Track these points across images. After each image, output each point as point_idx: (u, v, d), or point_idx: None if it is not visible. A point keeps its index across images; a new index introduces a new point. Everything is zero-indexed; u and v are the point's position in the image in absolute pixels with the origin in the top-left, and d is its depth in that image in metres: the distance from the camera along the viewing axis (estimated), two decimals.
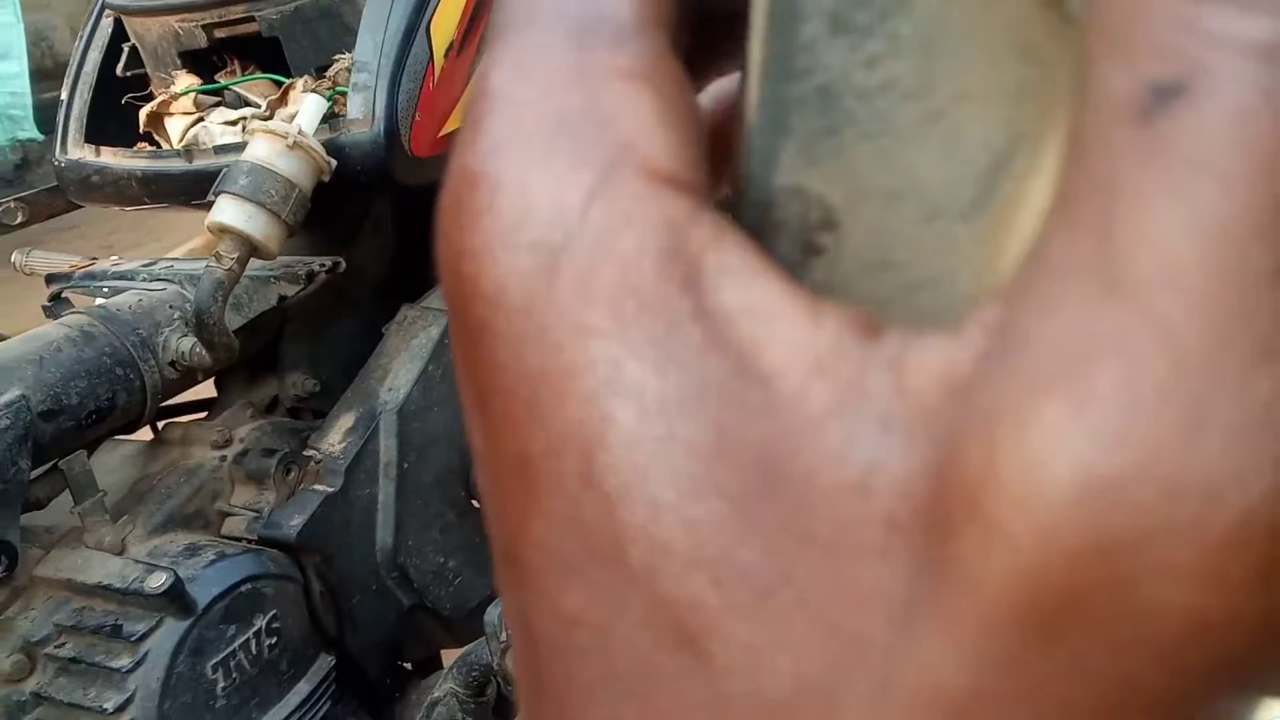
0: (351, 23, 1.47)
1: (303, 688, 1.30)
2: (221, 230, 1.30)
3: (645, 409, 0.16)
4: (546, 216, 0.17)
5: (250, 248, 1.29)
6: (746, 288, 0.16)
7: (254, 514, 1.36)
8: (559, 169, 0.17)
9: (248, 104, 1.57)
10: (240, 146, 1.36)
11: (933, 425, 0.15)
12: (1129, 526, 0.12)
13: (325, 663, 1.35)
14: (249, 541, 1.34)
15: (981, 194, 0.18)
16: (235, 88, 1.57)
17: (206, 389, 1.61)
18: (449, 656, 1.58)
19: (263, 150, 1.31)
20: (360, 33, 1.44)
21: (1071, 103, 0.14)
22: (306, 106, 1.38)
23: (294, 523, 1.33)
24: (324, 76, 1.49)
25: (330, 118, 1.43)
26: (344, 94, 1.45)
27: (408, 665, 1.61)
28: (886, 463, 0.15)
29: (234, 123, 1.53)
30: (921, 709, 0.14)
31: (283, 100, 1.52)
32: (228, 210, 1.29)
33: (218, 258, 1.29)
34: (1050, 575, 0.13)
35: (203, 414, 1.59)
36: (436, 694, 1.43)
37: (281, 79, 1.53)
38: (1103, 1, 0.13)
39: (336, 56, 1.49)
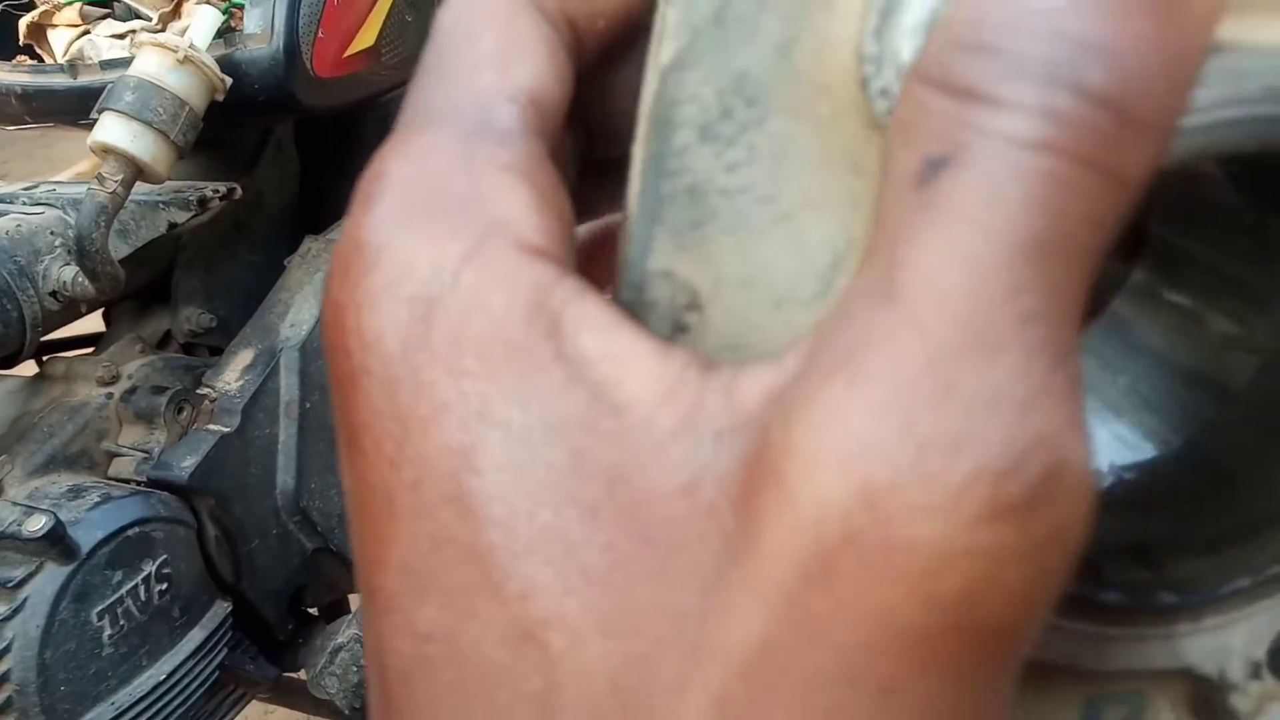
0: None
1: (196, 635, 1.25)
2: (105, 150, 1.20)
3: (511, 435, 0.19)
4: (425, 275, 0.20)
5: (136, 170, 1.20)
6: (604, 336, 0.20)
7: (143, 455, 1.29)
8: (439, 237, 0.20)
9: (138, 16, 1.48)
10: (128, 62, 1.26)
11: (753, 428, 0.18)
12: (888, 476, 0.16)
13: (221, 609, 1.29)
14: (138, 483, 1.27)
15: (823, 286, 0.21)
16: None
17: (94, 323, 1.52)
18: (356, 601, 1.53)
19: (151, 65, 1.21)
20: None
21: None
22: (199, 19, 1.29)
23: (186, 464, 1.26)
24: None
25: (226, 32, 1.33)
26: (241, 7, 1.35)
27: (313, 610, 1.56)
28: (714, 463, 0.18)
29: (122, 36, 1.44)
30: (724, 663, 0.17)
31: (175, 13, 1.43)
32: (112, 129, 1.19)
33: (100, 180, 1.19)
34: (825, 521, 0.16)
35: (89, 349, 1.50)
36: (340, 639, 1.39)
37: None
38: (899, 108, 0.18)
39: None
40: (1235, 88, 0.22)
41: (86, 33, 1.48)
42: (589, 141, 0.29)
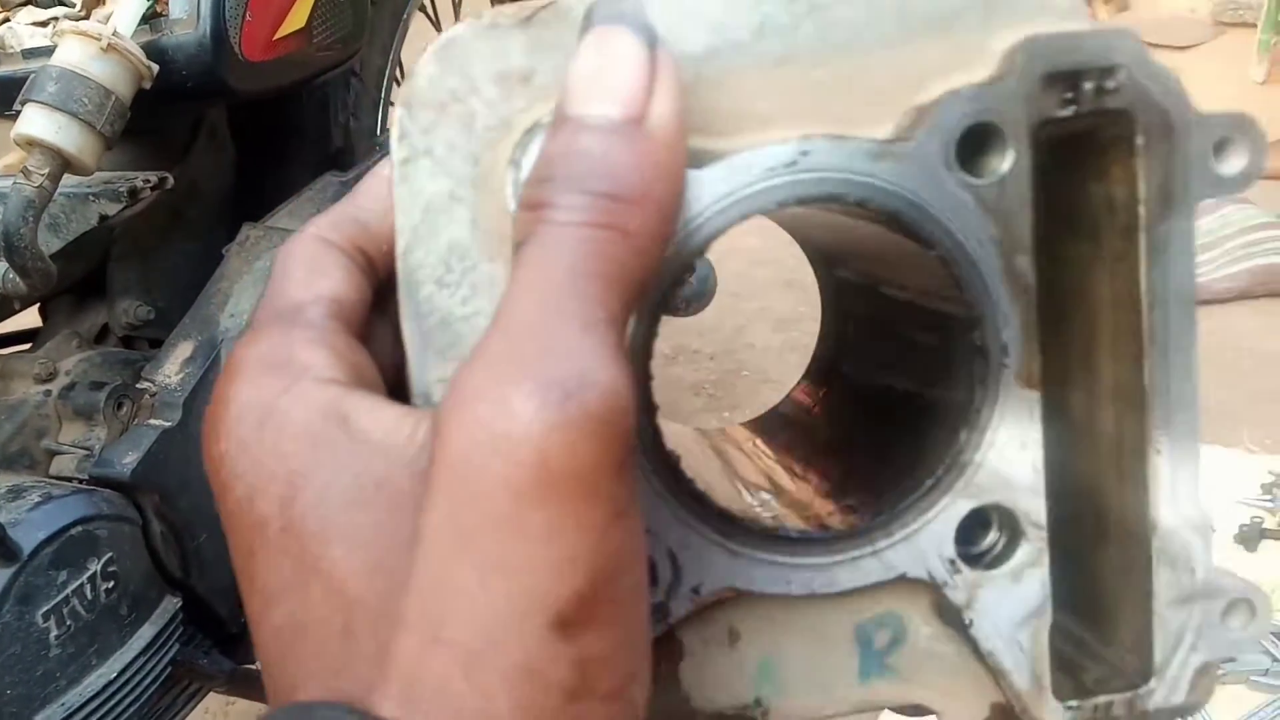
0: None
1: (146, 632, 1.23)
2: (29, 143, 1.17)
3: (313, 483, 0.32)
4: (257, 406, 0.33)
5: (63, 162, 1.17)
6: (375, 411, 0.33)
7: (84, 452, 1.27)
8: (265, 384, 0.34)
9: (61, 3, 1.44)
10: (51, 50, 1.22)
11: None
12: (488, 409, 0.28)
13: (171, 605, 1.28)
14: (79, 481, 1.25)
15: None
16: None
17: (30, 318, 1.48)
18: None
19: (74, 54, 1.18)
20: None
21: None
22: (123, 5, 1.26)
23: (128, 460, 1.25)
24: None
25: (151, 18, 1.30)
26: None
27: None
28: (424, 453, 0.32)
29: (44, 23, 1.41)
30: (426, 546, 0.29)
31: None
32: (35, 121, 1.16)
33: (26, 174, 1.16)
34: (463, 442, 0.28)
35: (25, 345, 1.47)
36: None
37: None
38: (515, 227, 0.33)
39: None
40: (745, 177, 0.36)
41: (6, 20, 1.44)
42: None
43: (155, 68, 1.24)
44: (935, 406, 0.42)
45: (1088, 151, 0.39)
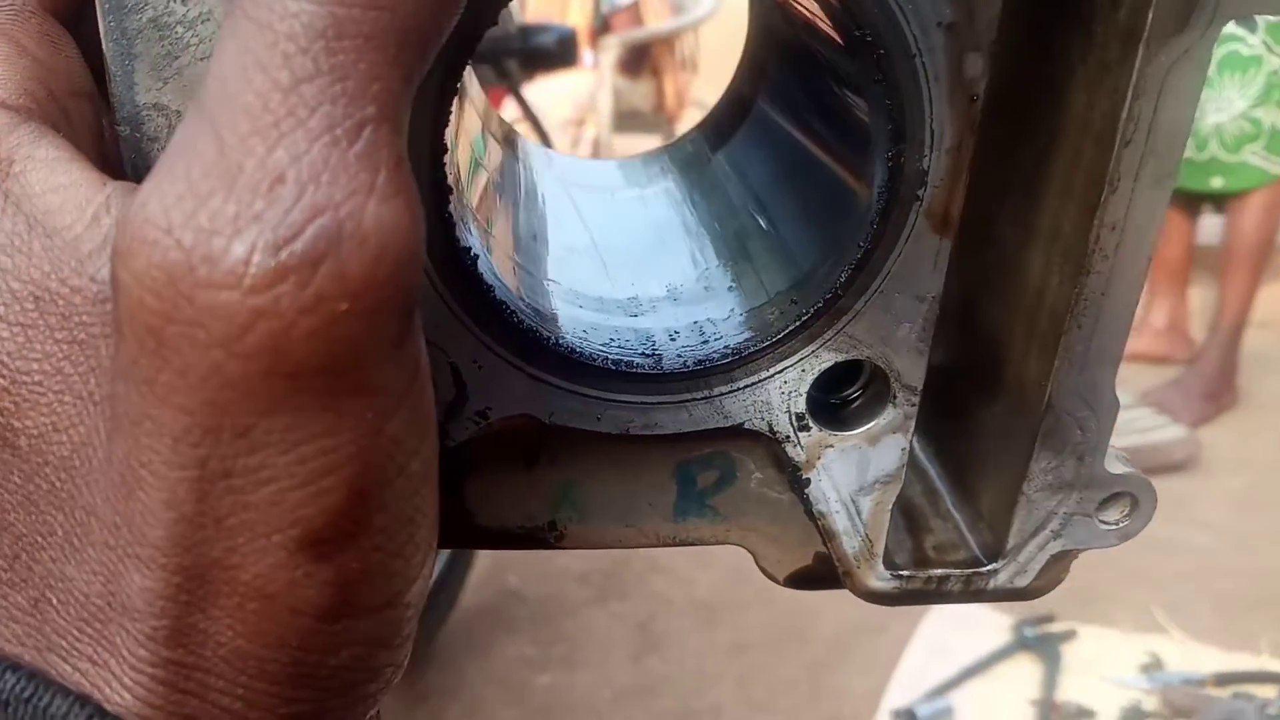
0: None
1: None
2: None
3: None
4: None
5: None
6: (50, 172, 0.23)
7: None
8: None
9: None
10: None
11: None
12: (181, 259, 0.19)
13: None
14: None
15: None
16: None
17: None
18: None
19: None
20: None
21: None
22: None
23: None
24: None
25: None
26: None
27: None
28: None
29: None
30: (111, 430, 0.21)
31: None
32: None
33: None
34: (146, 305, 0.19)
35: None
36: None
37: None
38: None
39: None
40: None
41: None
42: None
43: None
44: (823, 216, 0.33)
45: None
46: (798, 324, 0.31)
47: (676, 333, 0.34)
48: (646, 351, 0.32)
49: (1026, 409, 0.35)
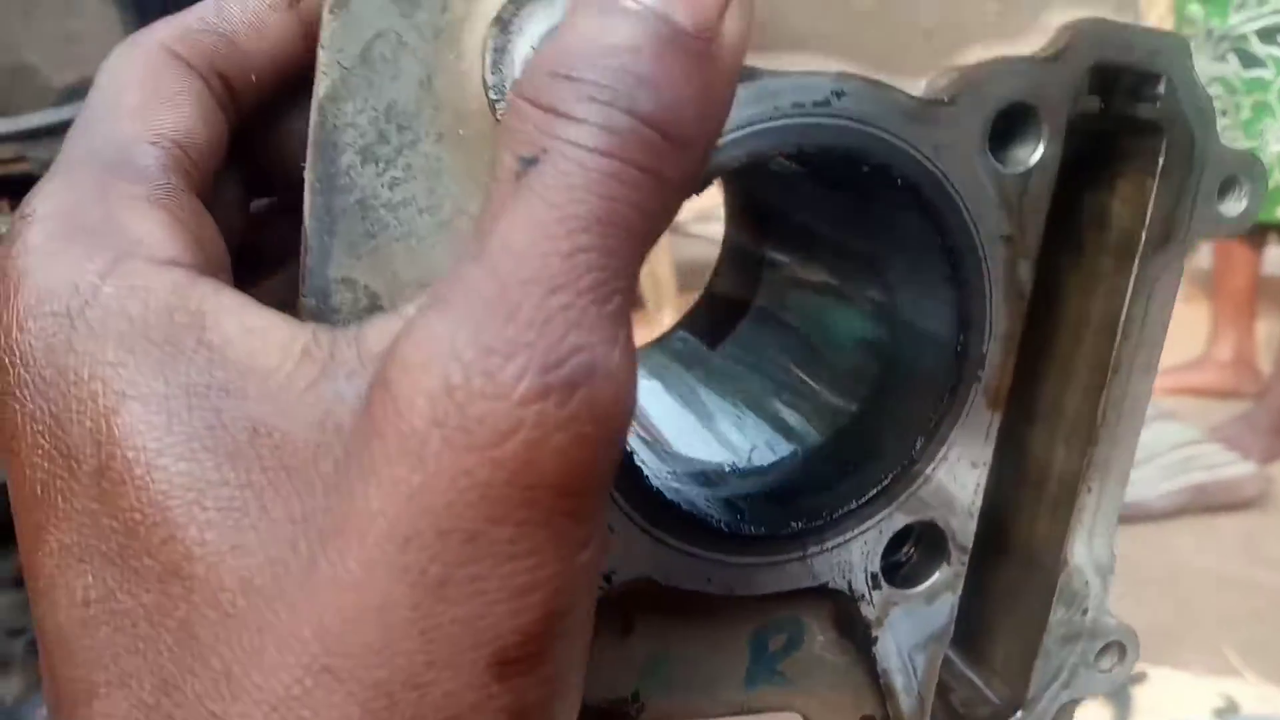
0: None
1: None
2: None
3: (149, 406, 0.23)
4: (65, 292, 0.24)
5: None
6: (242, 317, 0.24)
7: None
8: (76, 258, 0.24)
9: None
10: None
11: (377, 361, 0.23)
12: (461, 371, 0.21)
13: None
14: None
15: None
16: (3, 230, 1.19)
17: None
18: None
19: None
20: None
21: None
22: None
23: (41, 714, 1.08)
24: None
25: None
26: None
27: None
28: (343, 395, 0.23)
29: None
30: (342, 537, 0.21)
31: None
32: None
33: None
34: (417, 409, 0.21)
35: None
36: None
37: None
38: (504, 118, 0.24)
39: None
40: (772, 104, 0.30)
41: None
42: (272, 189, 0.35)
43: None
44: (886, 405, 0.38)
45: (1101, 158, 0.36)
46: (878, 489, 0.35)
47: (754, 500, 0.37)
48: (736, 516, 0.35)
49: (1040, 567, 0.39)
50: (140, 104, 0.28)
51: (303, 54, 0.30)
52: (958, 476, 0.35)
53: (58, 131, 1.31)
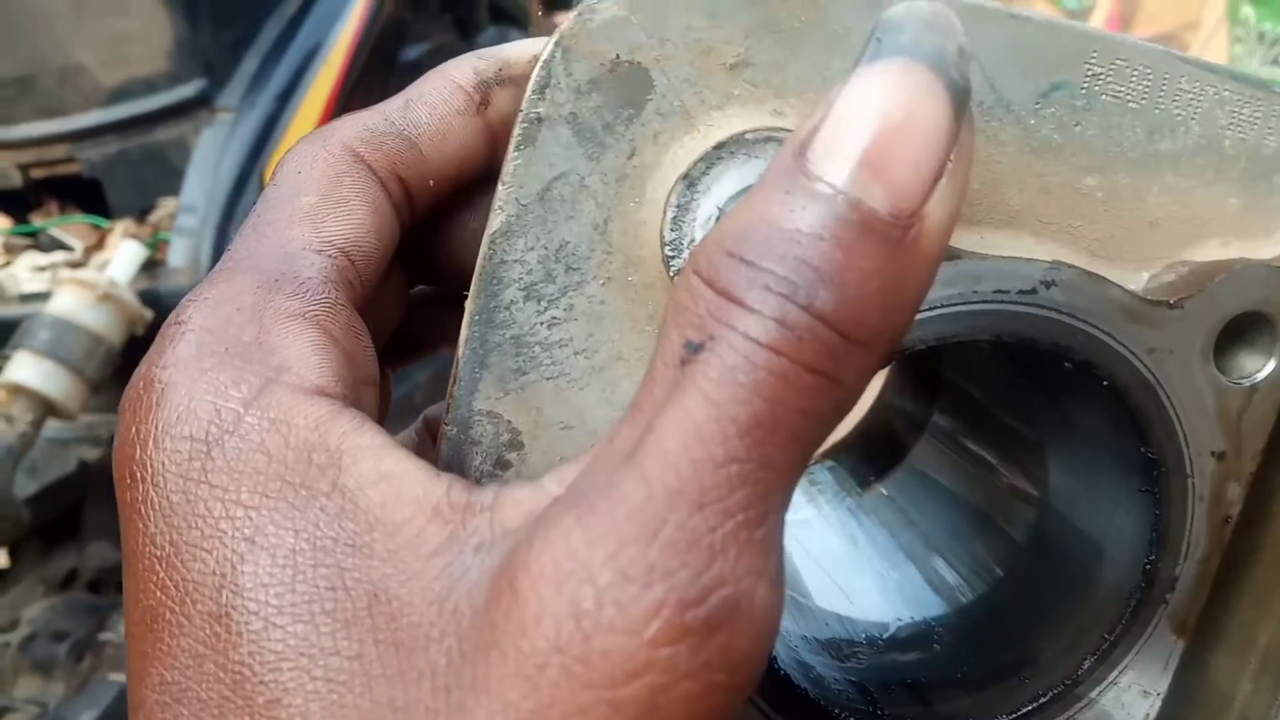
0: (180, 165, 1.34)
1: None
2: (15, 390, 1.12)
3: (278, 558, 0.22)
4: (206, 417, 0.23)
5: (47, 409, 1.12)
6: (379, 461, 0.23)
7: (38, 709, 1.14)
8: (222, 383, 0.24)
9: (62, 247, 1.39)
10: (48, 295, 1.20)
11: (509, 542, 0.21)
12: (592, 595, 0.19)
13: None
14: None
15: None
16: (51, 230, 1.39)
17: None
18: None
19: (68, 302, 1.15)
20: (188, 176, 1.32)
21: None
22: (122, 254, 1.24)
23: (84, 719, 1.11)
24: (146, 221, 1.35)
25: (151, 265, 1.28)
26: (166, 240, 1.30)
27: None
28: (469, 574, 0.21)
29: (44, 268, 1.35)
30: None
31: (100, 245, 1.37)
32: (23, 368, 1.12)
33: (8, 420, 1.10)
34: (542, 631, 0.19)
35: None
36: None
37: (102, 221, 1.37)
38: (675, 290, 0.22)
39: (160, 200, 1.36)
40: (971, 287, 0.28)
41: (8, 264, 1.39)
42: (434, 279, 0.34)
43: (150, 314, 1.21)
44: (1048, 610, 0.35)
45: None
46: (1033, 706, 0.31)
47: (889, 688, 0.34)
48: (869, 706, 0.32)
49: None
50: (314, 209, 0.28)
51: (485, 160, 0.30)
52: (1126, 704, 0.32)
53: (107, 132, 1.35)
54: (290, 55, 1.43)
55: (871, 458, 0.47)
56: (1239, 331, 0.30)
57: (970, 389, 0.44)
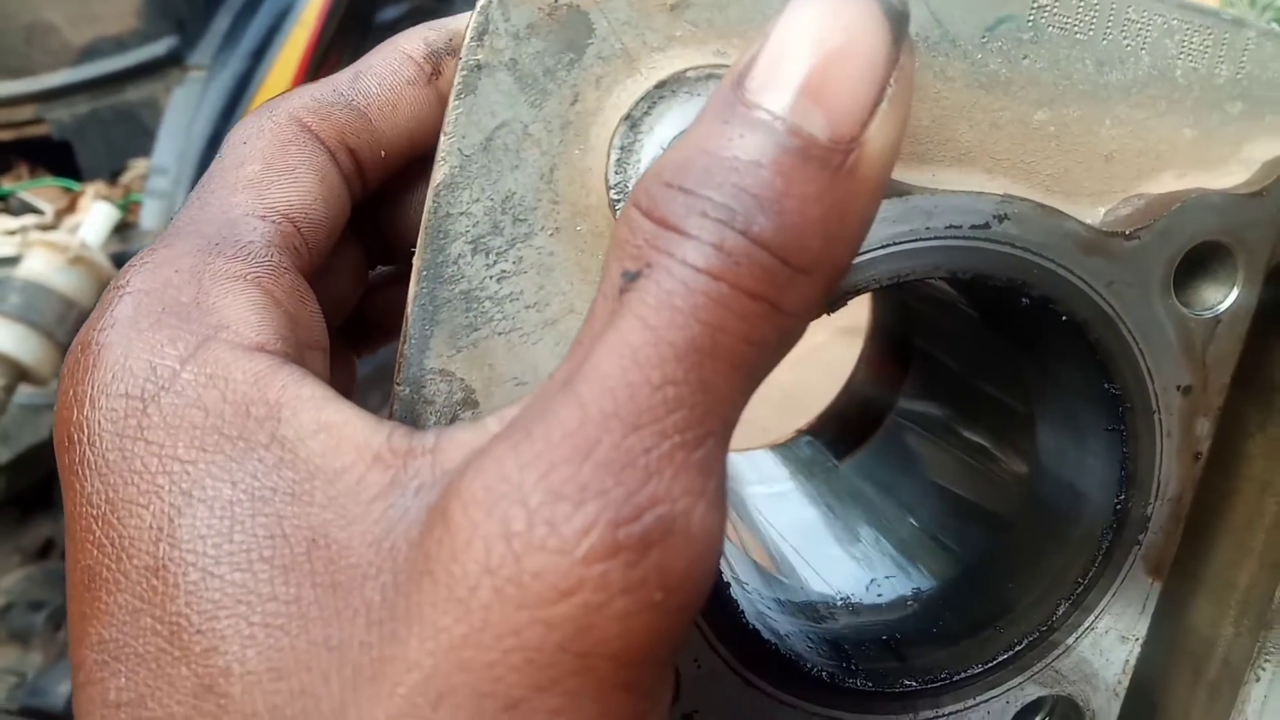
0: (151, 125, 1.31)
1: None
2: None
3: (215, 509, 0.22)
4: (142, 375, 0.23)
5: (19, 374, 1.10)
6: (320, 411, 0.23)
7: (16, 678, 1.13)
8: (158, 341, 0.24)
9: (34, 210, 1.36)
10: (17, 260, 1.17)
11: (449, 478, 0.21)
12: (523, 516, 0.19)
13: None
14: (8, 712, 1.11)
15: None
16: (21, 193, 1.37)
17: None
18: None
19: (39, 265, 1.13)
20: (159, 136, 1.29)
21: None
22: (93, 216, 1.22)
23: (63, 689, 1.10)
24: (117, 183, 1.33)
25: (123, 227, 1.26)
26: (139, 202, 1.28)
27: None
28: (407, 514, 0.21)
29: (15, 232, 1.31)
30: (375, 686, 0.19)
31: (71, 208, 1.34)
32: None
33: None
34: (472, 554, 0.19)
35: None
36: None
37: (73, 185, 1.34)
38: (616, 225, 0.23)
39: (132, 161, 1.34)
40: (924, 223, 0.27)
41: None
42: (394, 258, 0.34)
43: None
44: (1023, 557, 0.34)
45: None
46: (1009, 654, 0.31)
47: (864, 645, 0.33)
48: (842, 663, 0.32)
49: None
50: (258, 176, 0.28)
51: (438, 130, 0.30)
52: (1104, 650, 0.31)
53: (76, 91, 1.33)
54: (263, 12, 1.40)
55: (849, 430, 0.47)
56: (1199, 262, 0.29)
57: (943, 357, 0.43)
